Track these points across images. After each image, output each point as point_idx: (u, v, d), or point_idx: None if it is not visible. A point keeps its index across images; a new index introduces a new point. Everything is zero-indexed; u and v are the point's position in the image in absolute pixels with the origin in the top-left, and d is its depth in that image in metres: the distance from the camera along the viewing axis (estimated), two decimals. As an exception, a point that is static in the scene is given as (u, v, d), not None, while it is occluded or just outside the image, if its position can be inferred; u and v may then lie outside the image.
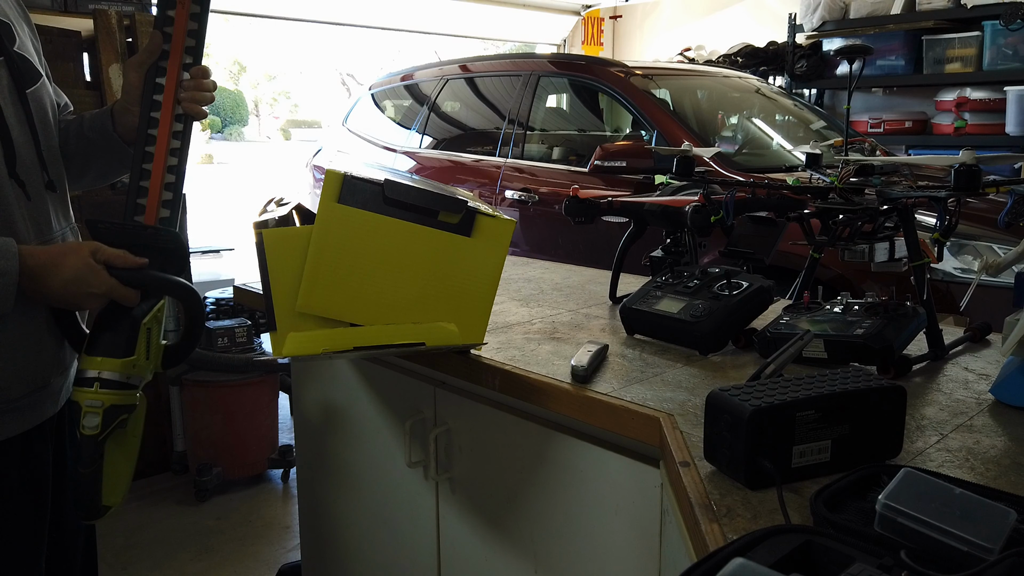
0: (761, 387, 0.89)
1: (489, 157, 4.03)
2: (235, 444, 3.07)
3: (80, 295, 1.12)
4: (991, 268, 1.21)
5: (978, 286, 1.26)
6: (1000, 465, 0.92)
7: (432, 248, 1.24)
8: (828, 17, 5.08)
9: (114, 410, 1.17)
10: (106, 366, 1.17)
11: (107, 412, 1.16)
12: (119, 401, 1.17)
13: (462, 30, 7.18)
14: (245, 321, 3.17)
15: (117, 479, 1.22)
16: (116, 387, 1.17)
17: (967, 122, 4.57)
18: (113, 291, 1.14)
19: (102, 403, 1.16)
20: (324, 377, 1.82)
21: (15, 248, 1.07)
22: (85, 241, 1.15)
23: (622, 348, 1.39)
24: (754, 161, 3.52)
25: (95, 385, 1.16)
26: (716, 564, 0.60)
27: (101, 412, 1.15)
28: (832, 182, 1.47)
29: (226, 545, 2.71)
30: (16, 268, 1.06)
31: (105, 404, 1.16)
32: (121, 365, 1.17)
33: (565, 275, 2.07)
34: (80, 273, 1.11)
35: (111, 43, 3.01)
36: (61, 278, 1.10)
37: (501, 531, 1.40)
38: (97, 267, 1.12)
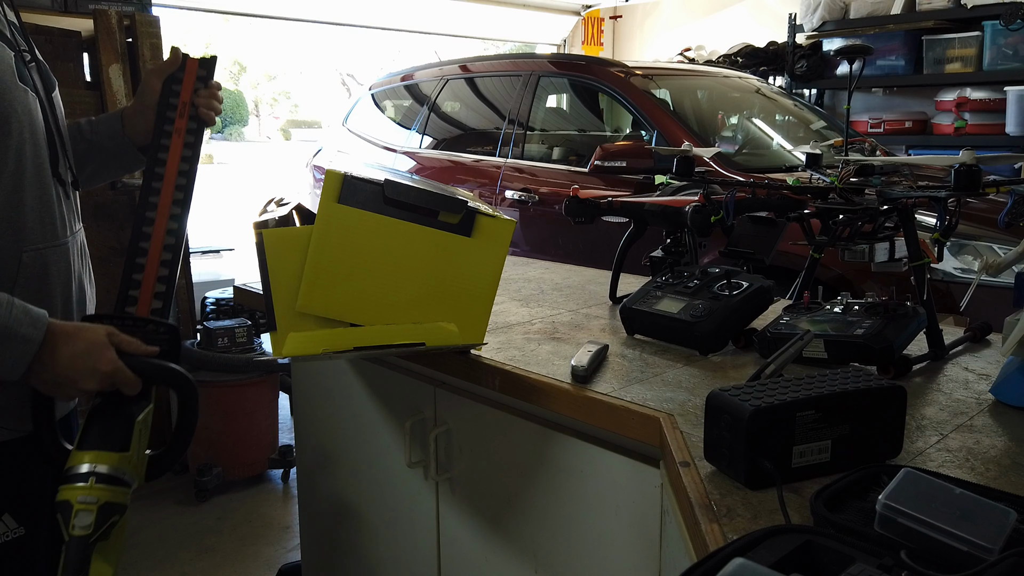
0: (761, 387, 0.89)
1: (489, 157, 4.03)
2: (235, 444, 3.07)
3: (84, 371, 1.08)
4: (991, 268, 1.21)
5: (978, 286, 1.26)
6: (1000, 465, 0.92)
7: (432, 248, 1.24)
8: (828, 17, 5.08)
9: (109, 508, 1.06)
10: (102, 460, 1.07)
11: (102, 510, 1.05)
12: (115, 499, 1.07)
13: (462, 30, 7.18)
14: (245, 321, 3.17)
15: None
16: (112, 483, 1.06)
17: (967, 122, 4.56)
18: (118, 373, 1.09)
19: (97, 499, 1.04)
20: (324, 377, 1.82)
21: (46, 320, 1.06)
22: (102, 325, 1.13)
23: (622, 348, 1.39)
24: (754, 161, 3.52)
25: (90, 480, 1.05)
26: (716, 564, 0.60)
27: (96, 510, 1.04)
28: (832, 182, 1.47)
29: (226, 545, 2.71)
30: (40, 338, 1.04)
31: (100, 501, 1.05)
32: (118, 459, 1.08)
33: (565, 275, 2.07)
34: (91, 348, 1.08)
35: (111, 43, 3.01)
36: (71, 349, 1.07)
37: (501, 531, 1.40)
38: (108, 346, 1.09)
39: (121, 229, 3.15)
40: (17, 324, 1.02)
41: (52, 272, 1.20)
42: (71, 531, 1.04)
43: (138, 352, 1.13)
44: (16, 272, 1.14)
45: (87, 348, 1.08)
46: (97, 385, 1.09)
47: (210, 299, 3.63)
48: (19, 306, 1.04)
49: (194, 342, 3.11)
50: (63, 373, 1.07)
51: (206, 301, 3.63)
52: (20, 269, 1.14)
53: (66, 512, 1.05)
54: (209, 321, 3.34)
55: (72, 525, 1.04)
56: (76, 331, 1.09)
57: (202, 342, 3.07)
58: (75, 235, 1.28)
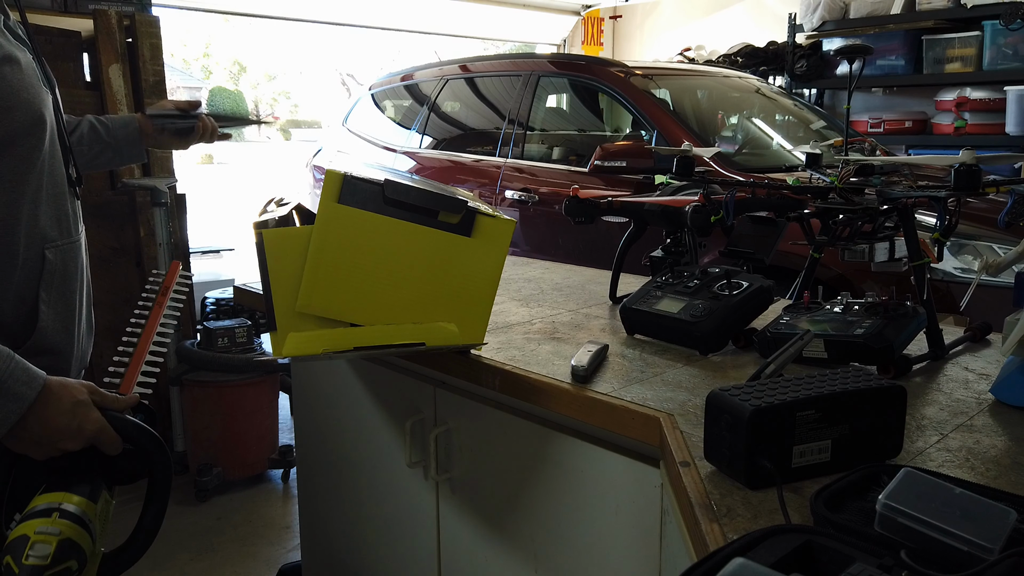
0: (761, 387, 0.89)
1: (489, 157, 4.03)
2: (235, 444, 3.07)
3: (68, 431, 1.01)
4: (991, 268, 1.21)
5: (978, 286, 1.26)
6: (1000, 465, 0.92)
7: (432, 248, 1.24)
8: (828, 17, 5.08)
9: (68, 546, 0.95)
10: (68, 500, 0.98)
11: (61, 545, 0.94)
12: (77, 538, 0.96)
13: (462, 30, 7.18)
14: (245, 321, 3.17)
15: None
16: (76, 522, 0.97)
17: (967, 122, 4.56)
18: (101, 432, 1.03)
19: (59, 531, 0.95)
20: (324, 377, 1.82)
21: (43, 382, 1.01)
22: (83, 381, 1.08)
23: (622, 348, 1.39)
24: (754, 161, 3.52)
25: (53, 515, 0.96)
26: (716, 564, 0.60)
27: (55, 542, 0.94)
28: (832, 182, 1.47)
29: (226, 545, 2.71)
30: (33, 398, 0.99)
31: (62, 534, 0.95)
32: (86, 504, 0.99)
33: (565, 275, 2.07)
34: (75, 407, 1.02)
35: (111, 43, 3.01)
36: (57, 408, 1.01)
37: (501, 531, 1.40)
38: (91, 405, 1.04)
39: (121, 229, 3.15)
40: (13, 381, 0.98)
41: (70, 269, 1.22)
42: (24, 561, 0.92)
43: (118, 406, 1.07)
44: (41, 269, 1.16)
45: (72, 406, 1.02)
46: (78, 445, 1.02)
47: (210, 299, 3.63)
48: (19, 363, 1.00)
49: (194, 342, 3.11)
50: (47, 433, 1.01)
51: (206, 301, 3.63)
52: (45, 266, 1.17)
53: (20, 547, 0.93)
54: (209, 321, 3.35)
55: (26, 555, 0.92)
56: (63, 386, 1.03)
57: (202, 342, 3.07)
58: (82, 233, 1.30)
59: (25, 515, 0.98)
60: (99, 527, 1.01)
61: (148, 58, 3.10)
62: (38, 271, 1.16)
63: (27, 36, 1.22)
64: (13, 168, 1.11)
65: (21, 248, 1.13)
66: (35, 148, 1.14)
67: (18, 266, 1.13)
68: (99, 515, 1.02)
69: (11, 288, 1.13)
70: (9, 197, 1.11)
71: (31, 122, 1.12)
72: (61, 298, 1.20)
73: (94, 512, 1.00)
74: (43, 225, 1.17)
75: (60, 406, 1.01)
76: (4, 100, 1.07)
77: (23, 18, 1.24)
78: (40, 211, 1.16)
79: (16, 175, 1.12)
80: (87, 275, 1.31)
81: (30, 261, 1.15)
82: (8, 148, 1.10)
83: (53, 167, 1.19)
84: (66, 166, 1.23)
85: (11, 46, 1.11)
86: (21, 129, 1.11)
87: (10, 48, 1.10)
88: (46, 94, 1.17)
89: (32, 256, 1.15)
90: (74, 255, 1.24)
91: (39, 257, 1.16)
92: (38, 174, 1.15)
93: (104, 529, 1.03)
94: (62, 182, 1.22)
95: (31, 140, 1.13)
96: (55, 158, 1.20)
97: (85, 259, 1.30)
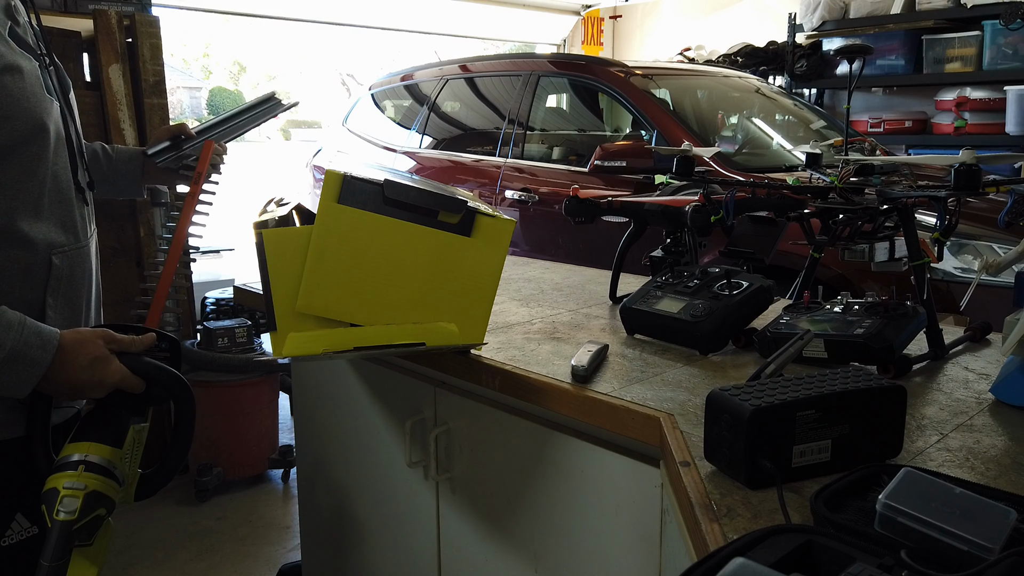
0: (761, 387, 0.89)
1: (489, 157, 4.03)
2: (235, 444, 3.07)
3: (90, 384, 1.10)
4: (991, 268, 1.21)
5: (978, 286, 1.26)
6: (1000, 465, 0.92)
7: (432, 248, 1.24)
8: (828, 17, 5.08)
9: (95, 498, 1.06)
10: (93, 450, 1.08)
11: (87, 498, 1.05)
12: (102, 489, 1.07)
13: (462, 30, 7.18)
14: (245, 321, 3.17)
15: None
16: (101, 472, 1.07)
17: (967, 122, 4.56)
18: (123, 380, 1.12)
19: (84, 486, 1.05)
20: (324, 377, 1.82)
21: (56, 342, 1.07)
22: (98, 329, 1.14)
23: (622, 348, 1.39)
24: (754, 161, 3.52)
25: (79, 468, 1.06)
26: (716, 564, 0.60)
27: (82, 496, 1.04)
28: (832, 182, 1.47)
29: (226, 545, 2.71)
30: (48, 360, 1.05)
31: (88, 488, 1.05)
32: (110, 452, 1.09)
33: (565, 275, 2.07)
34: (94, 362, 1.09)
35: (111, 43, 3.01)
36: (76, 364, 1.08)
37: (501, 531, 1.40)
38: (111, 357, 1.11)
39: (121, 230, 3.15)
40: (27, 347, 1.03)
41: (77, 273, 1.23)
42: (55, 516, 1.04)
43: (135, 348, 1.14)
44: (47, 275, 1.17)
45: (90, 362, 1.08)
46: (103, 394, 1.12)
47: (210, 299, 3.63)
48: (30, 327, 1.05)
49: (194, 342, 3.11)
50: (69, 388, 1.10)
51: (206, 301, 3.63)
52: (51, 271, 1.17)
53: (51, 500, 1.05)
54: (209, 321, 3.35)
55: (56, 511, 1.04)
56: (79, 344, 1.09)
57: (202, 342, 3.07)
58: (92, 237, 1.30)
59: (58, 463, 1.08)
60: (134, 453, 1.14)
61: (148, 58, 3.10)
62: (44, 276, 1.16)
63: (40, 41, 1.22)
64: (13, 176, 1.11)
65: (23, 254, 1.14)
66: (36, 156, 1.14)
67: (20, 272, 1.14)
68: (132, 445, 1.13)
69: (14, 293, 1.13)
70: (9, 205, 1.12)
71: (31, 131, 1.12)
72: (68, 303, 1.20)
73: (119, 456, 1.10)
74: (49, 231, 1.17)
75: (78, 363, 1.07)
76: (4, 109, 1.07)
77: (38, 21, 1.24)
78: (43, 218, 1.17)
79: (16, 182, 1.12)
80: (96, 279, 1.31)
81: (35, 267, 1.15)
82: (8, 156, 1.10)
83: (57, 174, 1.19)
84: (74, 172, 1.23)
85: (14, 55, 1.11)
86: (21, 138, 1.11)
87: (13, 57, 1.10)
88: (50, 103, 1.17)
89: (38, 262, 1.15)
90: (82, 260, 1.24)
91: (45, 263, 1.16)
92: (39, 182, 1.15)
93: (138, 453, 1.15)
94: (68, 188, 1.21)
95: (32, 148, 1.13)
96: (60, 165, 1.20)
97: (95, 263, 1.30)
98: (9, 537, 1.19)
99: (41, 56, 1.20)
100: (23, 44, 1.16)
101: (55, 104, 1.18)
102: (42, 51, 1.21)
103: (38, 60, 1.18)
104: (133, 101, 3.09)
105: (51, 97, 1.17)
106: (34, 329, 1.05)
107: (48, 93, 1.17)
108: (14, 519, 1.20)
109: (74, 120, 1.27)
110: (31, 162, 1.13)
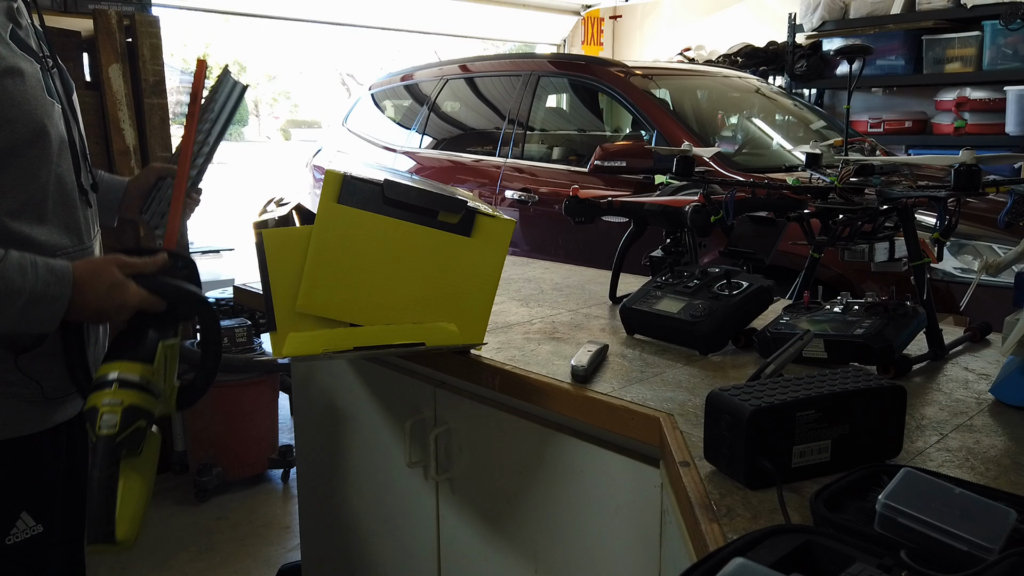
0: (761, 387, 0.89)
1: (489, 157, 4.03)
2: (235, 444, 3.07)
3: (112, 309, 1.15)
4: (991, 268, 1.21)
5: (978, 286, 1.26)
6: (1000, 465, 0.92)
7: (432, 248, 1.24)
8: (828, 17, 5.08)
9: (133, 411, 1.12)
10: (125, 368, 1.14)
11: (126, 412, 1.11)
12: (139, 402, 1.13)
13: (462, 30, 7.17)
14: (245, 321, 3.17)
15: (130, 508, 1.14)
16: (136, 388, 1.13)
17: (967, 122, 4.56)
18: (143, 302, 1.17)
19: (121, 401, 1.11)
20: (324, 377, 1.82)
21: (71, 276, 1.11)
22: (109, 256, 1.17)
23: (622, 348, 1.39)
24: (754, 161, 3.52)
25: (114, 385, 1.12)
26: (716, 564, 0.60)
27: (120, 411, 1.10)
28: (832, 182, 1.47)
29: (226, 545, 2.71)
30: (68, 295, 1.10)
31: (124, 403, 1.11)
32: (141, 368, 1.15)
33: (565, 275, 2.07)
34: (112, 288, 1.14)
35: (111, 43, 3.01)
36: (96, 293, 1.13)
37: (501, 531, 1.40)
38: (127, 281, 1.15)
39: (120, 229, 3.14)
40: (45, 286, 1.07)
41: None
42: (98, 432, 1.10)
43: (150, 269, 1.19)
44: None
45: (108, 289, 1.13)
46: (127, 315, 1.18)
47: (210, 299, 3.63)
48: (42, 265, 1.08)
49: (194, 342, 3.11)
50: (93, 314, 1.16)
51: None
52: None
53: (92, 417, 1.11)
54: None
55: (98, 427, 1.10)
56: (93, 274, 1.13)
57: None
58: (96, 239, 1.31)
59: (94, 384, 1.14)
60: (168, 368, 1.20)
61: (148, 58, 3.10)
62: None
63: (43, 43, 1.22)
64: (15, 179, 1.12)
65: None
66: (38, 159, 1.14)
67: None
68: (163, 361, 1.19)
69: None
70: (11, 207, 1.12)
71: (33, 134, 1.12)
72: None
73: (151, 371, 1.16)
74: (51, 234, 1.18)
75: (96, 292, 1.13)
76: (4, 112, 1.08)
77: (41, 23, 1.24)
78: (47, 220, 1.17)
79: (17, 185, 1.12)
80: None
81: None
82: (9, 159, 1.10)
83: (61, 177, 1.19)
84: (77, 174, 1.23)
85: (16, 57, 1.11)
86: (22, 141, 1.11)
87: (14, 60, 1.10)
88: (52, 105, 1.17)
89: None
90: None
91: None
92: (41, 185, 1.15)
93: (172, 367, 1.22)
94: (72, 191, 1.22)
95: (33, 152, 1.13)
96: (64, 168, 1.20)
97: None
98: (14, 536, 1.20)
99: (43, 58, 1.20)
100: (25, 47, 1.16)
101: (56, 107, 1.18)
102: (44, 53, 1.21)
103: (40, 62, 1.18)
104: (133, 101, 3.09)
105: (52, 100, 1.17)
106: (46, 267, 1.08)
107: (50, 96, 1.17)
108: (19, 518, 1.20)
109: (77, 122, 1.27)
110: (33, 165, 1.13)
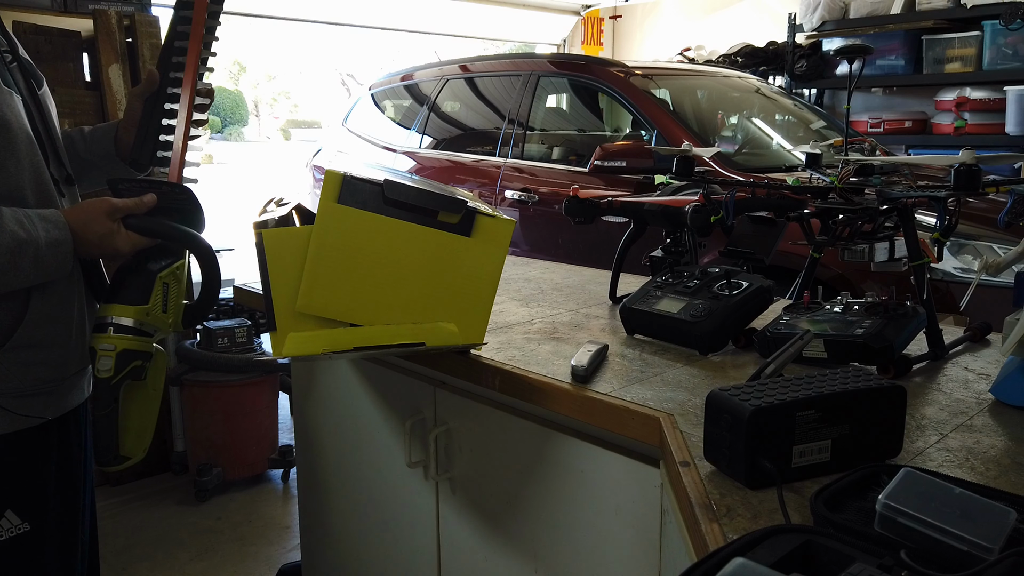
0: (761, 387, 0.89)
1: (489, 157, 4.03)
2: (235, 444, 3.06)
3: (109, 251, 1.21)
4: (991, 268, 1.21)
5: (978, 286, 1.26)
6: (1000, 465, 0.92)
7: (432, 248, 1.23)
8: (828, 17, 5.08)
9: (127, 355, 1.21)
10: (119, 312, 1.21)
11: (120, 356, 1.20)
12: (132, 346, 1.21)
13: (462, 30, 7.17)
14: (245, 321, 3.17)
15: (135, 430, 1.26)
16: (129, 332, 1.21)
17: (967, 122, 4.56)
18: (136, 245, 1.22)
19: (114, 347, 1.20)
20: (324, 377, 1.82)
21: (63, 218, 1.16)
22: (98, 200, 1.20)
23: (622, 348, 1.39)
24: (754, 161, 3.51)
25: (109, 330, 1.20)
26: (716, 564, 0.60)
27: (114, 356, 1.20)
28: (832, 182, 1.47)
29: (226, 545, 2.71)
30: (70, 237, 1.15)
31: (117, 348, 1.20)
32: (134, 312, 1.22)
33: (565, 275, 2.07)
34: (105, 235, 1.18)
35: (111, 43, 3.01)
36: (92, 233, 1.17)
37: (501, 531, 1.40)
38: (117, 228, 1.19)
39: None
40: (47, 234, 1.12)
41: None
42: (96, 374, 1.21)
43: (140, 210, 1.22)
44: None
45: (100, 239, 1.18)
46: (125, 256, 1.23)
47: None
48: (35, 215, 1.12)
49: (194, 342, 3.10)
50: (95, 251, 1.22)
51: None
52: None
53: (92, 358, 1.21)
54: (209, 321, 3.34)
55: (96, 368, 1.20)
56: (84, 224, 1.17)
57: (202, 342, 3.06)
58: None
59: (95, 325, 1.23)
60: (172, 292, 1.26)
61: (148, 58, 3.10)
62: None
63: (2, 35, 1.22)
64: None
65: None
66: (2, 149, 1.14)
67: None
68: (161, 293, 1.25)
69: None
70: None
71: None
72: (54, 294, 1.22)
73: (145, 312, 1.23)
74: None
75: (89, 240, 1.18)
76: None
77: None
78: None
79: None
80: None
81: None
82: None
83: (36, 167, 1.20)
84: (48, 165, 1.23)
85: None
86: None
87: None
88: (9, 95, 1.17)
89: None
90: None
91: None
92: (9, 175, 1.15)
93: (175, 291, 1.27)
94: (46, 182, 1.22)
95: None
96: (35, 158, 1.20)
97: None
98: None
99: (2, 52, 1.20)
100: None
101: (16, 96, 1.19)
102: (4, 46, 1.21)
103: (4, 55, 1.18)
104: (133, 101, 3.08)
105: (9, 90, 1.18)
106: (39, 216, 1.13)
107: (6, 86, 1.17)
108: (3, 516, 1.20)
109: (41, 114, 1.26)
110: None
